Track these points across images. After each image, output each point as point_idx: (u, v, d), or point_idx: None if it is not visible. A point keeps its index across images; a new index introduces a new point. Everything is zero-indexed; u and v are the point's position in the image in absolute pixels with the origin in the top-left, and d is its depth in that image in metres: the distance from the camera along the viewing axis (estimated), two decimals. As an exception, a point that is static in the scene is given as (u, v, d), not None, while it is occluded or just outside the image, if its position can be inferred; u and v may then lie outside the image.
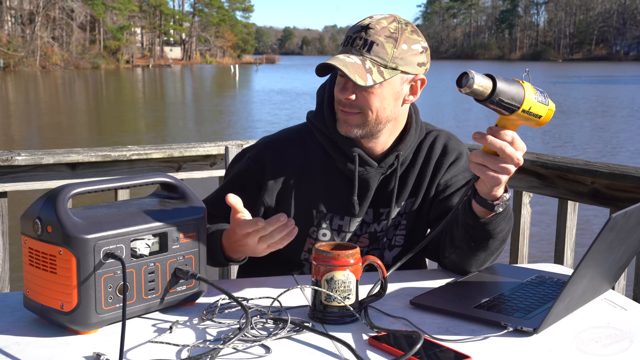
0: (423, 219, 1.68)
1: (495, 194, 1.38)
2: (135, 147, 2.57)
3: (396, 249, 1.68)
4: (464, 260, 1.52)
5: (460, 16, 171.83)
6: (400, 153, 1.61)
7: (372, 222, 1.64)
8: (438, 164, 1.66)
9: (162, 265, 1.22)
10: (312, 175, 1.62)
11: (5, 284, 2.44)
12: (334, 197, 1.61)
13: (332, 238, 1.63)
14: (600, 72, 64.28)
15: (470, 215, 1.44)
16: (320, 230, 1.63)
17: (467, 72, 1.20)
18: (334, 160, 1.61)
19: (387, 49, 1.47)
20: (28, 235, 1.17)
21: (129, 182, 1.28)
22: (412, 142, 1.63)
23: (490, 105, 1.23)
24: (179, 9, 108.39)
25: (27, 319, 1.21)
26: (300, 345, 1.13)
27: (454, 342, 1.14)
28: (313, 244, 1.62)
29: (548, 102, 1.27)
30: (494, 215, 1.41)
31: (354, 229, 1.64)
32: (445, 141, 1.68)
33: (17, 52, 61.41)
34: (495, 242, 1.48)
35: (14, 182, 2.38)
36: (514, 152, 1.28)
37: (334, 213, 1.62)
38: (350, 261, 1.22)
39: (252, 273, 1.67)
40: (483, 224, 1.43)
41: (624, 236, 1.22)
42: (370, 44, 1.47)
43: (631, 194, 2.15)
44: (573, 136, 16.19)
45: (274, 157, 1.64)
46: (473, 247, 1.48)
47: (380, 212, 1.64)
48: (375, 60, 1.47)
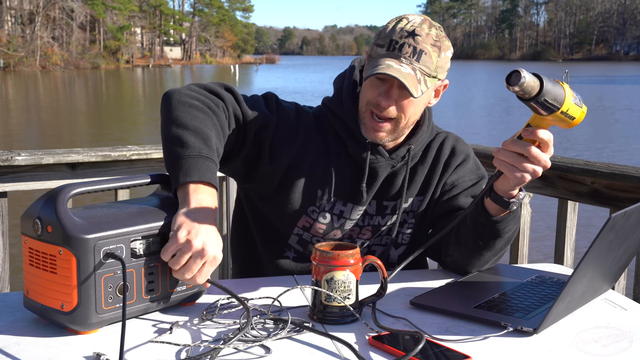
0: (428, 219, 1.68)
1: (513, 192, 1.38)
2: (135, 147, 2.57)
3: (402, 247, 1.68)
4: (468, 258, 1.52)
5: (460, 16, 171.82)
6: (412, 147, 1.61)
7: (375, 215, 1.64)
8: (446, 165, 1.67)
9: (162, 265, 1.22)
10: (325, 158, 1.60)
11: (5, 284, 2.44)
12: (341, 181, 1.60)
13: (331, 222, 1.61)
14: (600, 72, 64.28)
15: (482, 213, 1.44)
16: (321, 212, 1.60)
17: (519, 71, 1.20)
18: (346, 146, 1.60)
19: (432, 59, 1.48)
20: (28, 235, 1.17)
21: (129, 182, 1.28)
22: (424, 138, 1.64)
23: (533, 104, 1.23)
24: (179, 9, 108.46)
25: (27, 319, 1.21)
26: (301, 345, 1.13)
27: (454, 342, 1.14)
28: (309, 222, 1.60)
29: (582, 104, 1.28)
30: (507, 213, 1.42)
31: (355, 217, 1.63)
32: (454, 143, 1.70)
33: (17, 52, 61.40)
34: (502, 242, 1.48)
35: (14, 182, 2.38)
36: (544, 155, 1.30)
37: (338, 197, 1.60)
38: (350, 261, 1.22)
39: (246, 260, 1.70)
40: (494, 222, 1.43)
41: (624, 236, 1.22)
42: (419, 52, 1.46)
43: (631, 194, 2.15)
44: (573, 136, 16.18)
45: (307, 123, 1.61)
46: (480, 245, 1.48)
47: (384, 205, 1.64)
48: (423, 70, 1.47)
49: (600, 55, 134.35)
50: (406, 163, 1.62)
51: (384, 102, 1.50)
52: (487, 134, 16.45)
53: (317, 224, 1.60)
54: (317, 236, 1.61)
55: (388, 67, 1.44)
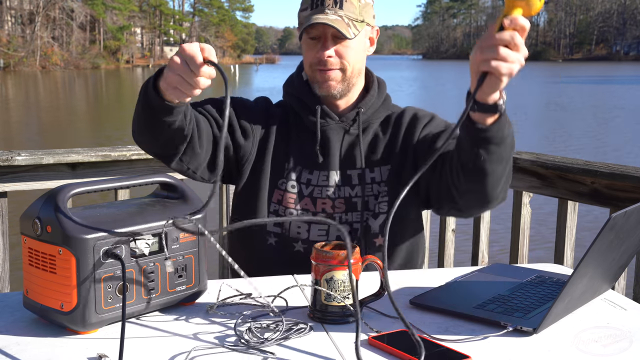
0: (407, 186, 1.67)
1: (495, 97, 1.31)
2: (135, 147, 2.56)
3: (382, 216, 1.68)
4: (482, 182, 1.47)
5: (460, 16, 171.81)
6: (362, 110, 1.71)
7: (342, 185, 1.68)
8: (410, 129, 1.72)
9: (161, 265, 1.22)
10: (287, 133, 1.73)
11: (5, 284, 2.44)
12: (302, 151, 1.71)
13: (300, 191, 1.68)
14: (600, 72, 64.29)
15: (474, 130, 1.37)
16: (289, 182, 1.69)
17: None
18: (302, 117, 1.72)
19: (354, 4, 1.62)
20: (28, 235, 1.17)
21: (129, 182, 1.28)
22: (374, 102, 1.73)
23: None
24: (179, 9, 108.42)
25: (27, 319, 1.21)
26: (300, 345, 1.13)
27: (453, 342, 1.14)
28: (281, 194, 1.69)
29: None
30: (500, 117, 1.35)
31: (322, 185, 1.68)
32: (415, 111, 1.77)
33: (17, 52, 61.42)
34: (507, 148, 1.42)
35: (14, 182, 2.38)
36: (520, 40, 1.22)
37: (302, 166, 1.69)
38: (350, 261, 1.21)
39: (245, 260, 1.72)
40: (491, 131, 1.37)
41: (624, 236, 1.22)
42: (340, 1, 1.60)
43: (631, 194, 2.15)
44: (573, 136, 16.19)
45: (265, 106, 1.78)
46: (488, 160, 1.42)
47: (348, 174, 1.69)
48: (349, 15, 1.60)
49: (600, 55, 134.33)
50: (359, 128, 1.69)
51: (323, 55, 1.63)
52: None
53: (287, 194, 1.69)
54: (289, 208, 1.67)
55: (316, 19, 1.58)
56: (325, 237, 1.66)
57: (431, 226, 2.96)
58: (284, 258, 1.66)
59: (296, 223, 1.67)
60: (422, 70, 77.51)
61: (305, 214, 1.67)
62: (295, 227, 1.67)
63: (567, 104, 25.30)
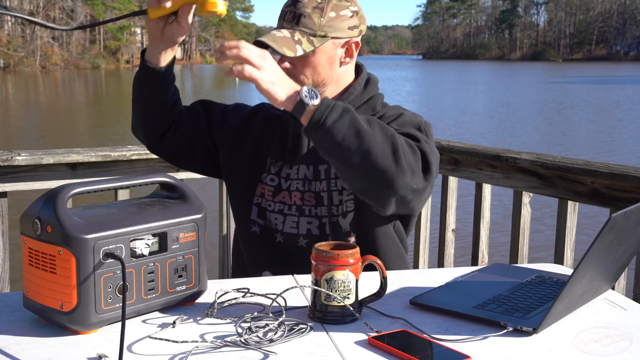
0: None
1: (283, 100, 1.40)
2: (135, 147, 2.57)
3: (350, 214, 1.68)
4: (353, 181, 1.49)
5: (460, 16, 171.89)
6: None
7: (312, 180, 1.70)
8: None
9: (161, 265, 1.22)
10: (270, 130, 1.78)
11: (5, 284, 2.44)
12: (279, 145, 1.75)
13: (279, 184, 1.73)
14: (600, 72, 64.30)
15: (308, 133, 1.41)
16: (269, 175, 1.75)
17: None
18: (279, 115, 1.78)
19: (314, 20, 1.62)
20: (28, 235, 1.17)
21: (129, 182, 1.28)
22: (352, 99, 1.71)
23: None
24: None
25: (27, 319, 1.21)
26: (300, 345, 1.13)
27: (453, 342, 1.14)
28: (264, 188, 1.74)
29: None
30: (317, 120, 1.37)
31: (297, 178, 1.70)
32: (386, 110, 1.72)
33: (17, 52, 61.41)
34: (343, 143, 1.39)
35: (14, 182, 2.38)
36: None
37: (281, 161, 1.74)
38: (350, 261, 1.22)
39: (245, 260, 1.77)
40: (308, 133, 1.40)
41: (624, 236, 1.22)
42: (298, 16, 1.62)
43: (631, 194, 2.15)
44: (573, 136, 16.19)
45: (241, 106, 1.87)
46: (337, 162, 1.45)
47: (319, 168, 1.70)
48: (305, 31, 1.62)
49: (600, 55, 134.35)
50: None
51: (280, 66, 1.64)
52: (488, 134, 16.45)
53: (267, 187, 1.74)
54: (269, 200, 1.73)
55: (264, 36, 1.61)
56: (295, 229, 1.71)
57: (431, 226, 2.96)
58: (269, 247, 1.73)
59: (274, 215, 1.73)
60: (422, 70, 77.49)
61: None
62: (273, 218, 1.74)
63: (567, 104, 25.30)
